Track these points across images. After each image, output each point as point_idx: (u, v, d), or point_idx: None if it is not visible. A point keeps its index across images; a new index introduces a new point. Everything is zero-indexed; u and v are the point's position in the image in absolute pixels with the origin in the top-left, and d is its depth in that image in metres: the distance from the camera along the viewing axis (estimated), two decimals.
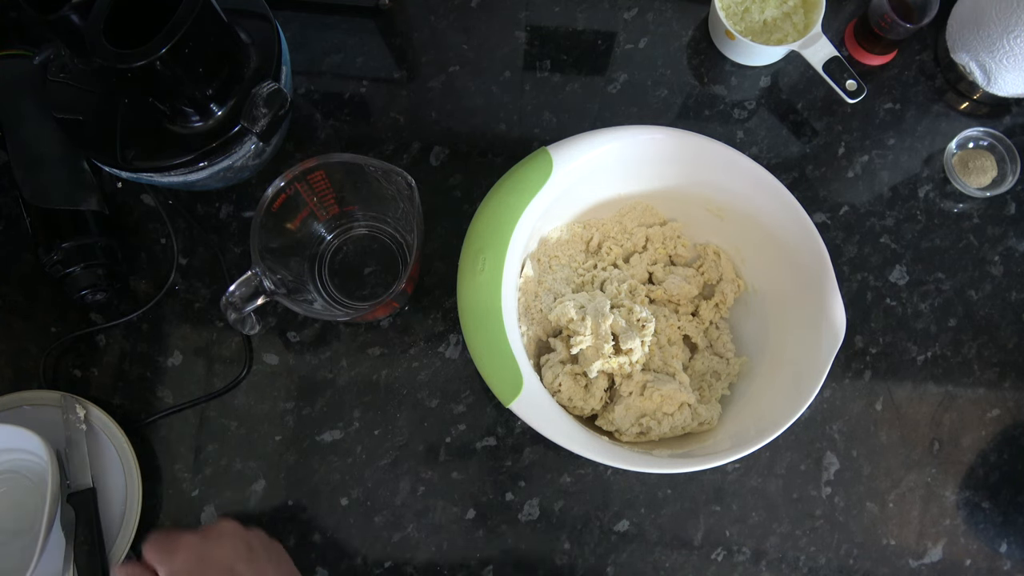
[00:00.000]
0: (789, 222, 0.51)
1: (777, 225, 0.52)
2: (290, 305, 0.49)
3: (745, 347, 0.56)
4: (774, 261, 0.54)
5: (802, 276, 0.51)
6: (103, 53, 0.45)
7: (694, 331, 0.56)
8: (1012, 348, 0.60)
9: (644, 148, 0.52)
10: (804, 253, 0.51)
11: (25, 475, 0.54)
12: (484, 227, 0.49)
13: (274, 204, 0.49)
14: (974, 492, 0.58)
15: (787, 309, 0.53)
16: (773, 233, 0.53)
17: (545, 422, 0.46)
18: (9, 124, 0.57)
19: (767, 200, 0.52)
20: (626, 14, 0.66)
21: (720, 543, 0.56)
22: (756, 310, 0.56)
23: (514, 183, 0.50)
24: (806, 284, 0.51)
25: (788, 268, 0.52)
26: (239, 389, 0.57)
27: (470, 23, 0.65)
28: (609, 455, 0.46)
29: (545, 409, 0.47)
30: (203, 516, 0.55)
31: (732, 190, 0.53)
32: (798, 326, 0.51)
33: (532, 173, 0.50)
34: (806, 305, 0.50)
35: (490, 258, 0.48)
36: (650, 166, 0.54)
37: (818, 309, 0.49)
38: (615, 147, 0.51)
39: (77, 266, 0.55)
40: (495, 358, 0.47)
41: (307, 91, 0.64)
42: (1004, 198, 0.63)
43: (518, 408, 0.46)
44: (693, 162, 0.53)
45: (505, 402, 0.46)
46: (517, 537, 0.56)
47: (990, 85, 0.62)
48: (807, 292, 0.50)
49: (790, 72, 0.65)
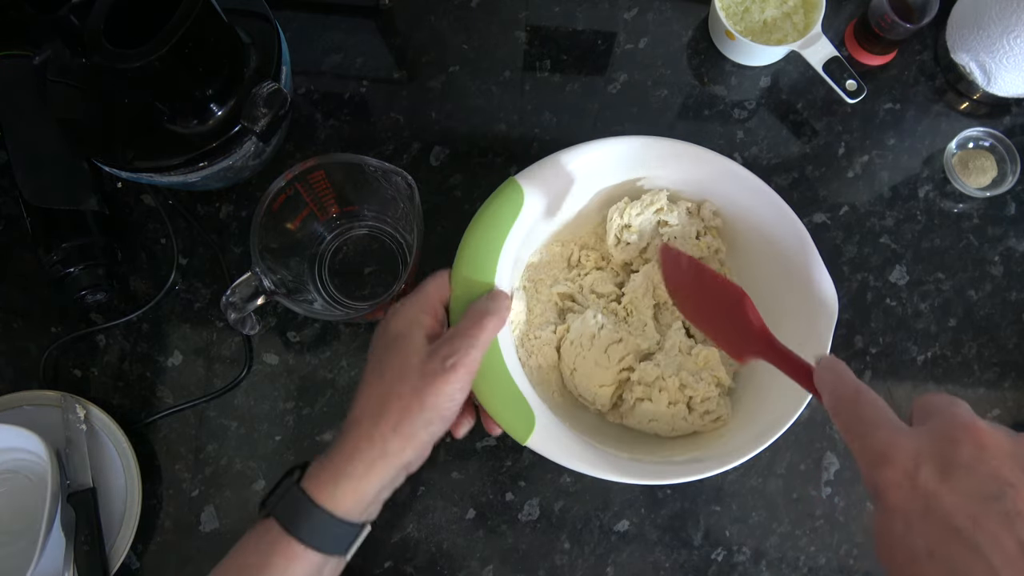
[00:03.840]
0: (762, 206, 0.51)
1: (750, 210, 0.52)
2: (290, 305, 0.49)
3: None
4: (753, 250, 0.53)
5: (783, 258, 0.50)
6: (103, 53, 0.45)
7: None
8: (1012, 348, 0.60)
9: (606, 158, 0.51)
10: (781, 232, 0.50)
11: (25, 475, 0.54)
12: (467, 270, 0.47)
13: (274, 204, 0.49)
14: None
15: (777, 296, 0.52)
16: (748, 220, 0.52)
17: (563, 453, 0.46)
18: (9, 124, 0.57)
19: (735, 188, 0.52)
20: (626, 14, 0.66)
21: (720, 543, 0.56)
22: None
23: (489, 219, 0.49)
24: (789, 265, 0.50)
25: (767, 254, 0.52)
26: (239, 389, 0.57)
27: (470, 23, 0.65)
28: (629, 473, 0.46)
29: (561, 440, 0.46)
30: (203, 516, 0.55)
31: (702, 184, 0.53)
32: (791, 310, 0.50)
33: (504, 206, 0.49)
34: (794, 287, 0.50)
35: None
36: (615, 172, 0.53)
37: (806, 288, 0.49)
38: (581, 163, 0.51)
39: (77, 266, 0.55)
40: (503, 400, 0.46)
41: (307, 91, 0.64)
42: (1004, 198, 0.63)
43: (535, 444, 0.45)
44: (661, 163, 0.52)
45: (521, 440, 0.45)
46: (517, 537, 0.56)
47: (990, 85, 0.62)
48: (792, 273, 0.50)
49: (790, 72, 0.65)
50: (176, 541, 0.55)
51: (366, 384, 0.43)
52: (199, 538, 0.55)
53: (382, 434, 0.40)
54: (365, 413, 0.41)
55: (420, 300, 0.45)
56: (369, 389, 0.42)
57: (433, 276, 0.47)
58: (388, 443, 0.40)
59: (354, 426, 0.41)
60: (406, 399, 0.40)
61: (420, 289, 0.46)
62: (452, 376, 0.41)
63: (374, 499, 0.41)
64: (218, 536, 0.55)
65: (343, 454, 0.41)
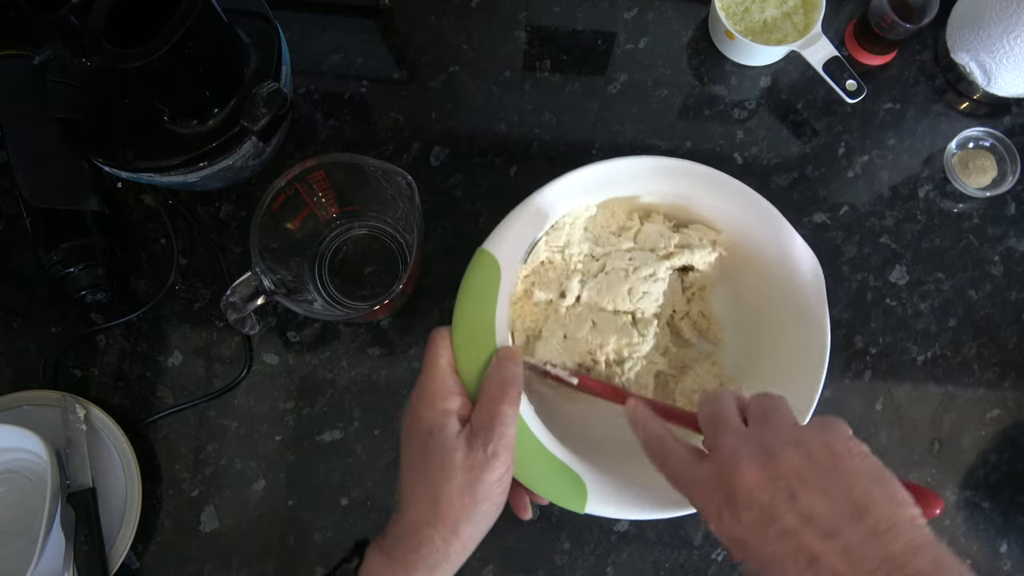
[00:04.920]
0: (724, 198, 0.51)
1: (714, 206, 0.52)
2: (290, 305, 0.49)
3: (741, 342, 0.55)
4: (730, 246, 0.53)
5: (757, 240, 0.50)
6: (103, 53, 0.45)
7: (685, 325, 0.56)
8: (1012, 348, 0.60)
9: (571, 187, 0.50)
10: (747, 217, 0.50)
11: (25, 475, 0.54)
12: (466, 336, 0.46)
13: (274, 204, 0.49)
14: (974, 492, 0.58)
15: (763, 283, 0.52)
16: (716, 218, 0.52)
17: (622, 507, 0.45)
18: (9, 124, 0.57)
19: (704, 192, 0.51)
20: (626, 14, 0.66)
21: (720, 543, 0.56)
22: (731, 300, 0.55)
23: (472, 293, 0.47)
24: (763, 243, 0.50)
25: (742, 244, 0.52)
26: (239, 389, 0.57)
27: (470, 23, 0.65)
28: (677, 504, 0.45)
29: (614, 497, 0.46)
30: (203, 516, 0.55)
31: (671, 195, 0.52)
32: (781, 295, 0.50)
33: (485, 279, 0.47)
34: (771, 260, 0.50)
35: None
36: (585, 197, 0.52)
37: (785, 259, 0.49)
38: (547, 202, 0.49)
39: (77, 266, 0.55)
40: (546, 476, 0.45)
41: (307, 91, 0.63)
42: (1004, 198, 0.63)
43: (593, 509, 0.45)
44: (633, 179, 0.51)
45: (579, 511, 0.45)
46: (517, 537, 0.56)
47: (990, 85, 0.62)
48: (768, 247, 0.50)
49: (790, 72, 0.65)
50: (176, 541, 0.55)
51: (410, 485, 0.42)
52: (199, 538, 0.55)
53: (443, 538, 0.40)
54: (421, 518, 0.41)
55: (438, 380, 0.44)
56: (416, 491, 0.42)
57: (434, 341, 0.45)
58: (450, 546, 0.40)
59: (411, 531, 0.41)
60: (459, 499, 0.40)
61: (431, 364, 0.45)
62: (496, 463, 0.41)
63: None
64: (218, 536, 0.55)
65: (403, 557, 0.41)
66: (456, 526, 0.40)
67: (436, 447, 0.42)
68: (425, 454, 0.42)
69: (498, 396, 0.43)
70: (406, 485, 0.43)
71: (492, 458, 0.41)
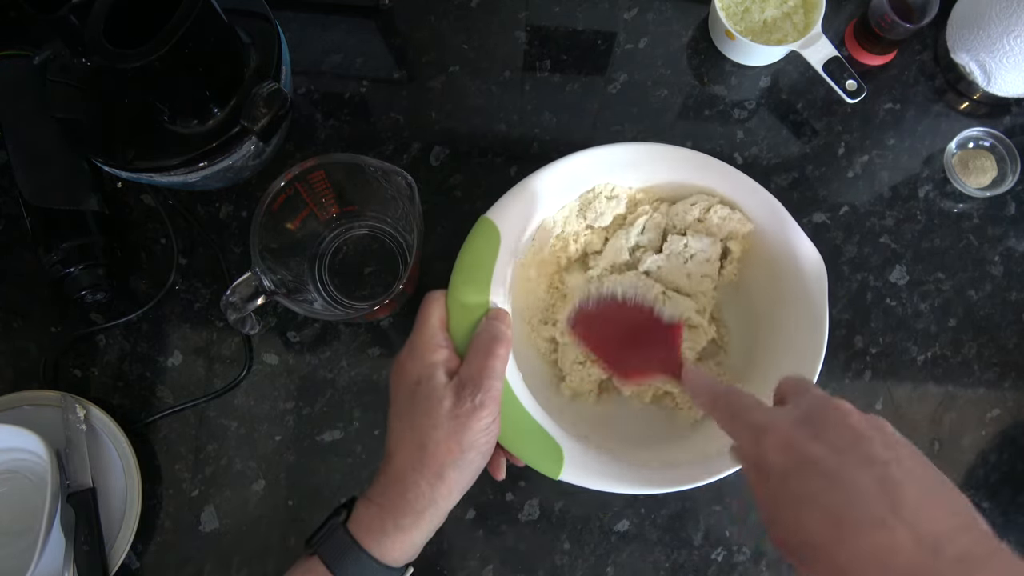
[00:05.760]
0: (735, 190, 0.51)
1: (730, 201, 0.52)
2: (290, 305, 0.49)
3: (744, 343, 0.55)
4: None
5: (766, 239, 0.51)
6: (103, 53, 0.45)
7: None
8: (1012, 348, 0.60)
9: (574, 171, 0.51)
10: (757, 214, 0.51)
11: (25, 475, 0.54)
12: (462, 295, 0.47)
13: (274, 204, 0.49)
14: (974, 492, 0.58)
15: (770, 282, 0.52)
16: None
17: (598, 478, 0.46)
18: (9, 124, 0.57)
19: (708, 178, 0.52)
20: (626, 14, 0.66)
21: (720, 543, 0.56)
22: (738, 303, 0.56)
23: (472, 256, 0.48)
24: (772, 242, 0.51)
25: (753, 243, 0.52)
26: (239, 389, 0.57)
27: (470, 23, 0.65)
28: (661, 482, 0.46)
29: (591, 465, 0.46)
30: (203, 516, 0.55)
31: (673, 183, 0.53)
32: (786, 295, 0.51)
33: (483, 245, 0.49)
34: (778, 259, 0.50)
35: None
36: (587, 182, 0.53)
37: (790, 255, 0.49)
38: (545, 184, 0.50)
39: (77, 266, 0.55)
40: (526, 439, 0.46)
41: (307, 91, 0.63)
42: (1004, 198, 0.63)
43: (568, 477, 0.46)
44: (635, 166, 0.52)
45: (553, 476, 0.46)
46: (517, 537, 0.56)
47: (990, 85, 0.62)
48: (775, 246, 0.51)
49: (790, 72, 0.65)
50: (176, 541, 0.55)
51: (398, 433, 0.43)
52: (199, 538, 0.55)
53: (429, 483, 0.41)
54: (407, 464, 0.42)
55: (427, 335, 0.46)
56: (403, 438, 0.43)
57: (428, 301, 0.47)
58: (436, 491, 0.41)
59: (398, 478, 0.42)
60: (444, 444, 0.41)
61: (423, 321, 0.46)
62: (483, 412, 0.42)
63: (420, 546, 0.43)
64: (218, 536, 0.55)
65: (390, 503, 0.41)
66: (442, 471, 0.41)
67: (423, 396, 0.43)
68: (412, 402, 0.43)
69: (487, 351, 0.44)
70: (394, 433, 0.43)
71: (479, 408, 0.41)
